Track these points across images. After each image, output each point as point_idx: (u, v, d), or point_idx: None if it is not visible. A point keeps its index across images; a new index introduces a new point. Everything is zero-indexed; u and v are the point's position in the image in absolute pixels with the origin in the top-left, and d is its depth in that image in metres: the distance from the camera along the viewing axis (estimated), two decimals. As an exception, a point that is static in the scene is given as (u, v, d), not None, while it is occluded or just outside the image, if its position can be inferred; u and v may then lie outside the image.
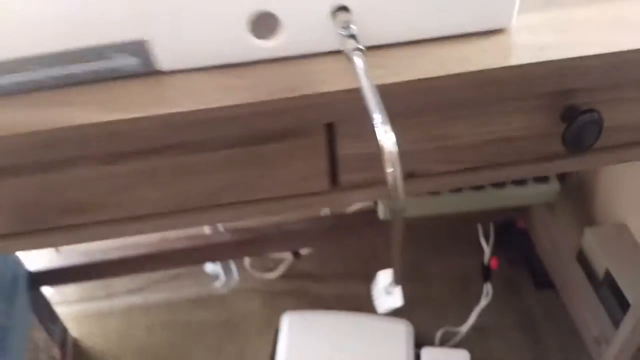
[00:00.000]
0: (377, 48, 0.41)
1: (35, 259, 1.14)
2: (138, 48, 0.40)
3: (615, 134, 0.50)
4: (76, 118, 0.40)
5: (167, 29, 0.39)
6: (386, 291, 0.49)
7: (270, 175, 0.48)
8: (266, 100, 0.40)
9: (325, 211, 1.17)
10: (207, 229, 1.14)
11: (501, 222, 1.21)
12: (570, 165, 0.53)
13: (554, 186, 1.07)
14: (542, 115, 0.48)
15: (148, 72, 0.41)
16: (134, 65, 0.41)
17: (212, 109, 0.40)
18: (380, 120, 0.32)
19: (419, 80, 0.40)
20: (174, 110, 0.40)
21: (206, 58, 0.41)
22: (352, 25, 0.38)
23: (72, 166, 0.45)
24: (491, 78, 0.42)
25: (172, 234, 1.16)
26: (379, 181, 0.49)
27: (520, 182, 1.07)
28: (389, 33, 0.41)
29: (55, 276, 1.15)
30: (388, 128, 0.32)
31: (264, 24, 0.40)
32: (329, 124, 0.45)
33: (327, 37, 0.40)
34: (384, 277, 0.50)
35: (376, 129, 0.32)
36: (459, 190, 1.05)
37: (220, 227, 1.14)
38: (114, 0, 0.37)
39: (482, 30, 0.42)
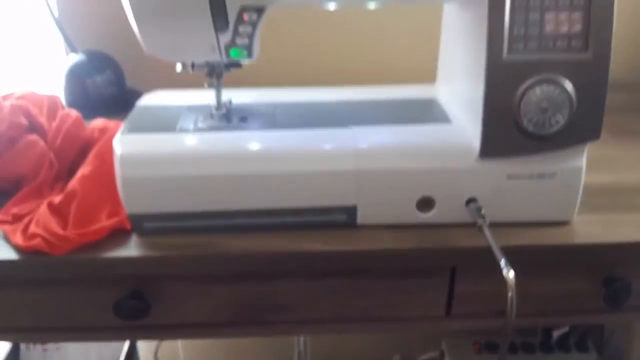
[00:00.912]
0: (492, 224, 0.67)
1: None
2: (350, 210, 0.67)
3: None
4: (302, 247, 0.66)
5: (369, 201, 0.67)
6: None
7: (404, 300, 0.73)
8: (420, 248, 0.66)
9: (397, 358, 1.37)
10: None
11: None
12: (609, 318, 0.76)
13: (593, 355, 1.26)
14: (589, 280, 0.71)
15: (349, 224, 0.68)
16: (344, 219, 0.68)
17: (385, 249, 0.66)
18: (504, 262, 0.58)
19: (517, 245, 0.66)
20: (362, 248, 0.66)
21: (387, 219, 0.68)
22: (481, 207, 0.65)
23: (286, 278, 0.70)
24: (561, 250, 0.67)
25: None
26: (480, 315, 0.73)
27: (565, 350, 1.26)
28: (501, 215, 0.67)
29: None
30: (509, 267, 0.57)
31: (424, 202, 0.67)
32: (453, 268, 0.70)
33: (463, 215, 0.66)
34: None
35: (502, 268, 0.57)
36: (514, 352, 1.25)
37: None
38: (346, 184, 0.65)
39: (555, 220, 0.68)
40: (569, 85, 0.60)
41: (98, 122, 0.81)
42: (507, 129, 0.62)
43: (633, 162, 0.83)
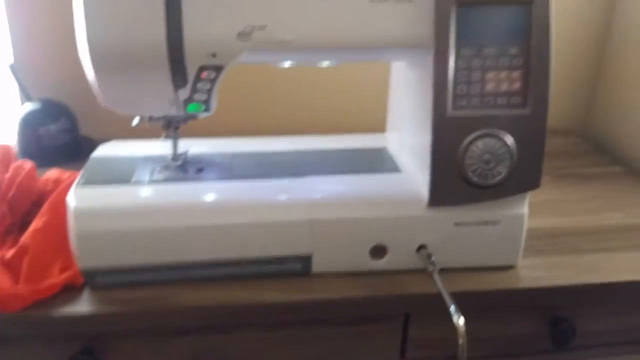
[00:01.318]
0: (442, 270, 0.70)
1: None
2: (304, 259, 0.69)
3: (586, 338, 0.76)
4: (258, 297, 0.67)
5: (324, 250, 0.68)
6: None
7: (359, 346, 0.74)
8: (373, 295, 0.68)
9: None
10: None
11: None
12: (557, 358, 0.79)
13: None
14: (536, 321, 0.74)
15: (304, 273, 0.70)
16: (299, 268, 0.69)
17: (340, 298, 0.68)
18: (454, 309, 0.60)
19: (466, 291, 0.68)
20: (318, 297, 0.68)
21: (342, 267, 0.70)
22: (431, 254, 0.67)
23: (242, 329, 0.70)
24: (507, 294, 0.70)
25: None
26: (434, 359, 0.75)
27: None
28: (450, 261, 0.70)
29: None
30: (459, 314, 0.59)
31: (377, 250, 0.69)
32: (406, 313, 0.72)
33: (414, 261, 0.69)
34: None
35: (451, 315, 0.59)
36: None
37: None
38: (301, 234, 0.67)
39: (501, 264, 0.71)
40: (509, 139, 0.64)
41: (52, 173, 0.81)
42: (454, 180, 0.65)
43: (573, 205, 0.87)
